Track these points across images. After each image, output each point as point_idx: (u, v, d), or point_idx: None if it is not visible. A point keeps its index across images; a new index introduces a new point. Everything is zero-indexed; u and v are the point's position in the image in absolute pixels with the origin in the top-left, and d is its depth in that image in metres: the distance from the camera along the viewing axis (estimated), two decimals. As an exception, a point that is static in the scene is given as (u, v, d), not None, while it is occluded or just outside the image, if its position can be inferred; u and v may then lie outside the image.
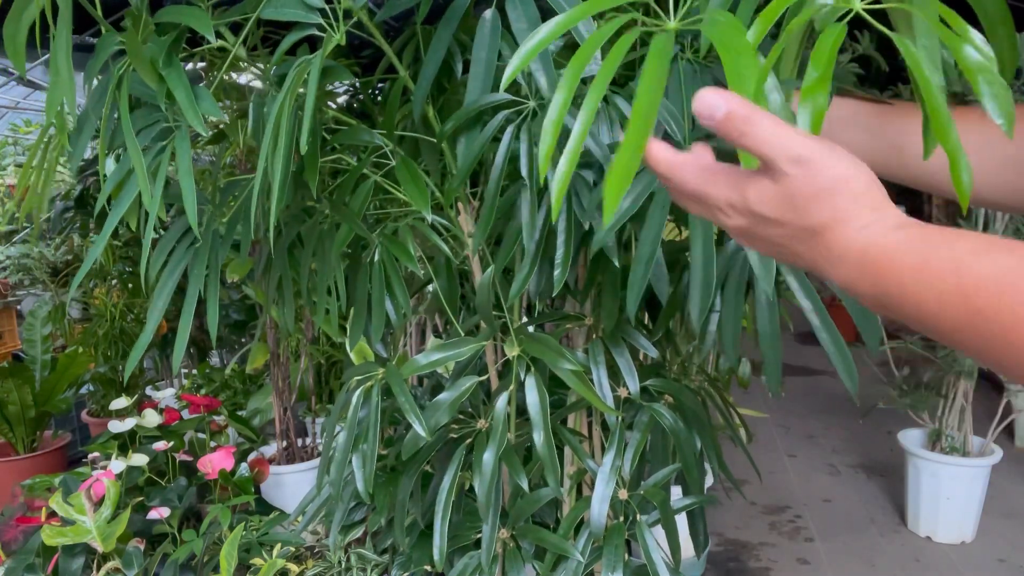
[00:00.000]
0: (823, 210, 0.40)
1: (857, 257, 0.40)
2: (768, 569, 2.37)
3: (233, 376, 2.77)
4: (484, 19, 0.74)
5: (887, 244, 0.40)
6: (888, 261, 0.39)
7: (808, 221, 0.41)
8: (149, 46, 0.71)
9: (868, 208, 0.40)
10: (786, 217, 0.41)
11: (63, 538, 1.58)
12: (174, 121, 0.75)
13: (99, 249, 0.79)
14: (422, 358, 0.88)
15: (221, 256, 0.84)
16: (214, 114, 0.71)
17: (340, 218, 0.82)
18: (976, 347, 0.37)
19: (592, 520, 0.94)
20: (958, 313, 0.36)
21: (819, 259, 0.42)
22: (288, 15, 0.72)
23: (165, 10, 0.73)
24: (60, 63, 0.69)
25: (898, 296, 0.39)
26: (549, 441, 0.86)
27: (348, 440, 0.91)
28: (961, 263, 0.37)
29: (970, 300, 0.36)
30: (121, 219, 0.82)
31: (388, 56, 0.83)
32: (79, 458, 3.06)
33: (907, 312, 0.39)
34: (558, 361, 0.83)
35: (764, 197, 0.41)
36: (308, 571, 1.75)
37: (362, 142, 0.83)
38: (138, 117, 0.77)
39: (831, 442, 3.53)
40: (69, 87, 0.69)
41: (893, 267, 0.39)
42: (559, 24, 0.47)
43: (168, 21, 0.73)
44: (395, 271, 0.86)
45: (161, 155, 0.73)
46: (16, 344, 3.40)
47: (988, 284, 0.35)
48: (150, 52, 0.70)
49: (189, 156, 0.71)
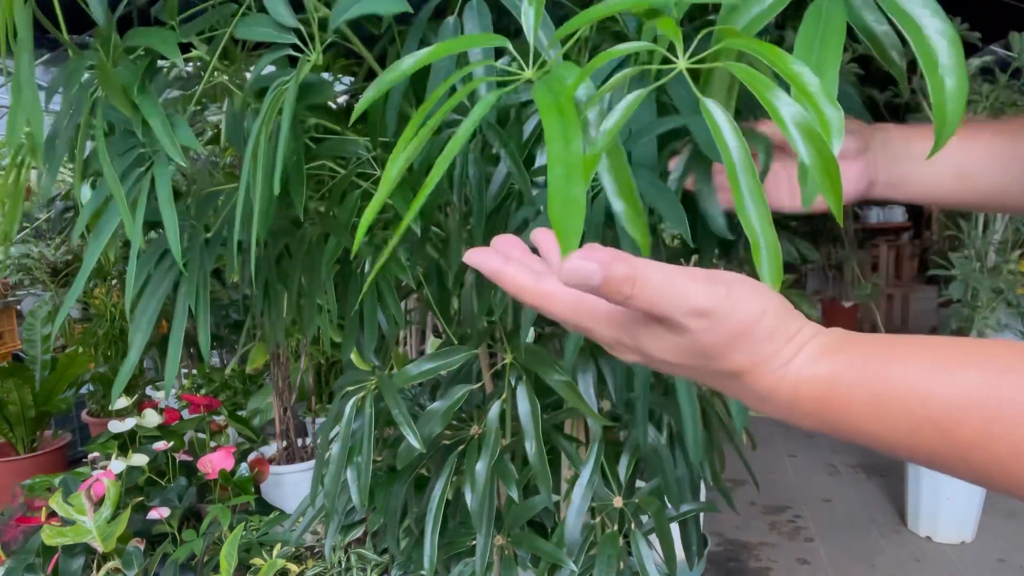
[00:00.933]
0: (736, 356, 0.36)
1: (787, 397, 0.36)
2: (768, 569, 2.37)
3: (233, 376, 2.77)
4: (445, 26, 0.73)
5: (819, 377, 0.36)
6: (827, 396, 0.35)
7: (722, 366, 0.36)
8: (120, 70, 0.69)
9: (784, 341, 0.36)
10: (694, 364, 0.37)
11: (63, 538, 1.58)
12: (152, 148, 0.73)
13: (83, 280, 0.75)
14: (413, 368, 0.88)
15: (209, 264, 0.84)
16: (192, 145, 0.69)
17: (328, 229, 0.82)
18: (967, 475, 0.33)
19: (567, 532, 0.94)
20: (938, 447, 0.33)
21: (745, 397, 0.38)
22: (260, 35, 0.70)
23: (132, 33, 0.70)
24: (23, 86, 0.67)
25: (850, 430, 0.35)
26: (540, 450, 0.86)
27: (342, 452, 0.91)
28: (922, 391, 0.33)
29: (951, 434, 0.32)
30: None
31: (368, 61, 0.82)
32: (79, 458, 3.07)
33: (861, 442, 0.36)
34: (549, 373, 0.83)
35: (664, 347, 0.37)
36: (308, 571, 1.76)
37: (347, 152, 0.83)
38: (113, 143, 0.75)
39: (831, 442, 3.53)
40: (34, 110, 0.67)
41: (836, 402, 0.35)
42: (419, 60, 0.47)
43: (136, 44, 0.71)
44: (386, 281, 0.86)
45: (140, 183, 0.72)
46: (16, 344, 3.41)
47: (969, 413, 0.31)
48: (122, 77, 0.68)
49: (169, 185, 0.69)
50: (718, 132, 0.41)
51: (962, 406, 0.32)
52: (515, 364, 0.91)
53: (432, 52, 0.48)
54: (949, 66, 0.44)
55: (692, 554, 1.04)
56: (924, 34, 0.45)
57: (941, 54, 0.45)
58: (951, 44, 0.45)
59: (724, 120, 0.41)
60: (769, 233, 0.40)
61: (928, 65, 0.45)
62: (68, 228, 3.08)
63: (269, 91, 0.66)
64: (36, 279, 3.36)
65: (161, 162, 0.71)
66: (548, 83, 0.43)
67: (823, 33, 0.46)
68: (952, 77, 0.44)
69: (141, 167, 0.73)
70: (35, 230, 3.36)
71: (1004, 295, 2.28)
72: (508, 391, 0.93)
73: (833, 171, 0.39)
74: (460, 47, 0.50)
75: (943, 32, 0.45)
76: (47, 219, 3.07)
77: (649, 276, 0.34)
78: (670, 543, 0.97)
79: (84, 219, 0.76)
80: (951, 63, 0.44)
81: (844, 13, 0.47)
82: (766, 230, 0.40)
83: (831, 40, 0.46)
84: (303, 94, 0.72)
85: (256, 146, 0.64)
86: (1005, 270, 2.30)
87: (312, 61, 0.66)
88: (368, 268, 0.89)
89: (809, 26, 0.47)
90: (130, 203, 0.69)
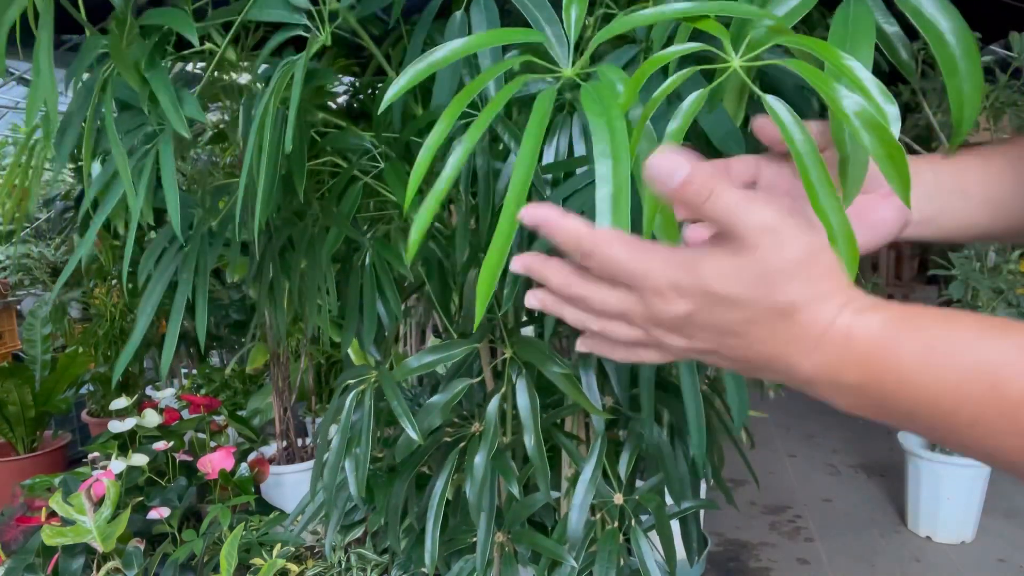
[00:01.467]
0: (796, 285, 0.35)
1: (840, 341, 0.35)
2: (768, 569, 2.37)
3: (233, 376, 2.77)
4: (453, 21, 0.73)
5: (872, 326, 0.34)
6: (879, 346, 0.34)
7: (778, 298, 0.35)
8: (133, 48, 0.70)
9: (839, 283, 0.35)
10: (753, 295, 0.35)
11: (63, 538, 1.58)
12: (158, 124, 0.75)
13: (85, 249, 0.78)
14: (414, 361, 0.88)
15: (211, 259, 0.84)
16: (198, 118, 0.70)
17: (329, 222, 0.82)
18: (1011, 439, 0.32)
19: (569, 527, 0.93)
20: (985, 401, 0.32)
21: (788, 347, 0.36)
22: (273, 16, 0.71)
23: (149, 13, 0.72)
24: (42, 66, 0.68)
25: (894, 386, 0.34)
26: (540, 445, 0.86)
27: (341, 444, 0.91)
28: (974, 343, 0.32)
29: (1000, 388, 0.31)
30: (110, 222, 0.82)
31: (376, 57, 0.83)
32: (79, 458, 3.07)
33: (899, 406, 0.34)
34: (548, 365, 0.83)
35: (724, 272, 0.35)
36: (308, 571, 1.76)
37: (352, 146, 0.83)
38: (123, 120, 0.77)
39: (831, 442, 3.53)
40: (51, 90, 0.69)
41: (887, 353, 0.34)
42: (455, 50, 0.46)
43: (152, 24, 0.73)
44: (386, 274, 0.86)
45: (146, 158, 0.73)
46: (16, 344, 3.41)
47: (1020, 368, 0.31)
48: (134, 55, 0.70)
49: (172, 160, 0.71)
50: (784, 127, 0.41)
51: (1013, 361, 0.31)
52: (515, 359, 0.91)
53: (471, 43, 0.47)
54: (966, 71, 0.46)
55: (692, 551, 1.04)
56: (945, 39, 0.47)
57: (959, 59, 0.46)
58: (967, 49, 0.46)
59: (788, 116, 0.42)
60: (843, 222, 0.40)
61: (947, 68, 0.46)
62: (68, 228, 3.08)
63: (277, 69, 0.67)
64: (36, 279, 3.36)
65: (166, 138, 0.72)
66: (597, 91, 0.42)
67: (852, 35, 0.46)
68: (969, 82, 0.46)
69: (148, 145, 0.75)
70: (35, 230, 3.36)
71: (1004, 295, 2.28)
72: (508, 386, 0.93)
73: (898, 157, 0.39)
74: (499, 40, 0.48)
75: (955, 33, 0.47)
76: (47, 219, 3.07)
77: (727, 187, 0.35)
78: (670, 540, 0.97)
79: (91, 193, 0.77)
80: (968, 68, 0.46)
81: (872, 17, 0.47)
82: (840, 220, 0.40)
83: (861, 42, 0.46)
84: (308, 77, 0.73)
85: (264, 119, 0.64)
86: (1005, 270, 2.30)
87: (322, 40, 0.67)
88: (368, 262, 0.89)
89: (838, 29, 0.47)
90: (135, 175, 0.71)
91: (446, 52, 0.47)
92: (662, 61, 0.42)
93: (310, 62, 0.66)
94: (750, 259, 0.35)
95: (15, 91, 3.15)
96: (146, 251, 0.84)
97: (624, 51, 0.67)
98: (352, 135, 0.83)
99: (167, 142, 0.72)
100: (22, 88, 3.01)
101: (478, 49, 0.47)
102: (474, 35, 0.47)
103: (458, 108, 0.43)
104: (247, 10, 0.72)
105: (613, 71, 0.44)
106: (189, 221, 0.88)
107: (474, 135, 0.42)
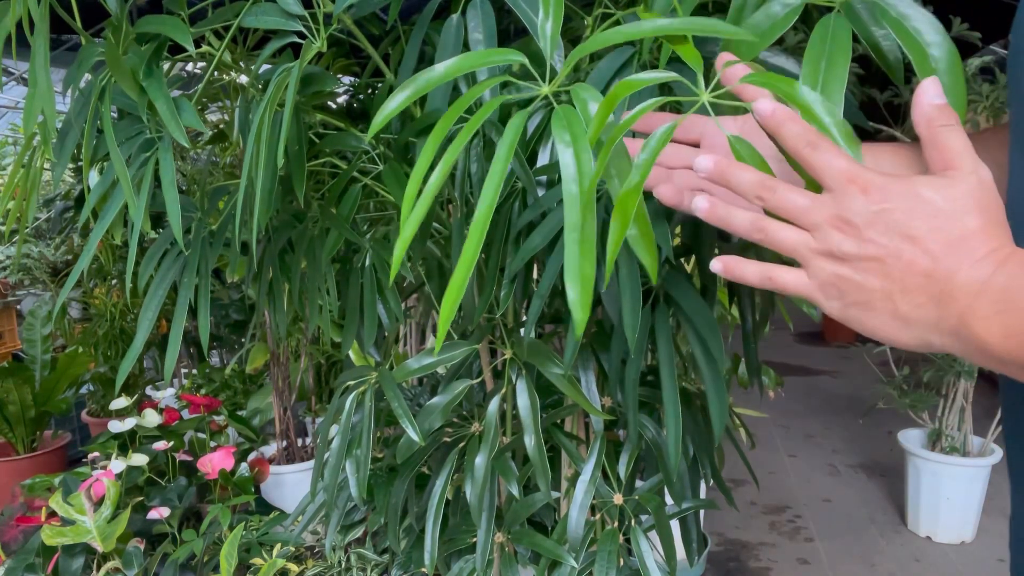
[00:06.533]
0: (984, 215, 0.40)
1: (1018, 268, 0.38)
2: (768, 569, 2.37)
3: (233, 376, 2.77)
4: (448, 25, 0.73)
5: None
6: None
7: (972, 222, 0.39)
8: (130, 56, 0.70)
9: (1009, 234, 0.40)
10: (951, 208, 0.40)
11: (63, 538, 1.58)
12: (156, 132, 0.74)
13: (86, 261, 0.78)
14: (414, 362, 0.88)
15: (211, 262, 0.84)
16: (197, 126, 0.70)
17: (329, 223, 0.82)
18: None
19: (569, 527, 0.94)
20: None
21: (960, 259, 0.39)
22: (268, 23, 0.72)
23: (144, 20, 0.72)
24: (39, 76, 0.68)
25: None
26: (540, 445, 0.86)
27: (342, 445, 0.91)
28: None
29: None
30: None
31: (374, 58, 0.83)
32: (79, 458, 3.07)
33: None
34: (547, 366, 0.83)
35: (936, 185, 0.40)
36: (308, 571, 1.76)
37: (350, 147, 0.83)
38: (121, 127, 0.77)
39: (831, 442, 3.53)
40: (48, 99, 0.68)
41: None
42: (451, 68, 0.48)
43: (148, 31, 0.73)
44: (386, 275, 0.86)
45: (145, 167, 0.73)
46: (16, 344, 3.41)
47: None
48: (130, 62, 0.70)
49: (172, 168, 0.70)
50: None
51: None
52: (515, 359, 0.91)
53: (463, 62, 0.48)
54: (950, 86, 0.47)
55: (692, 551, 1.04)
56: (928, 54, 0.48)
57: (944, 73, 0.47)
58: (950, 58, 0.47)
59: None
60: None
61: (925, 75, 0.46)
62: (68, 228, 3.08)
63: (275, 75, 0.67)
64: (36, 279, 3.37)
65: (165, 146, 0.72)
66: (568, 117, 0.43)
67: (830, 52, 0.47)
68: (952, 95, 0.47)
69: (147, 152, 0.75)
70: (35, 230, 3.37)
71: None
72: (508, 387, 0.93)
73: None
74: (490, 60, 0.50)
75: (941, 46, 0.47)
76: (47, 219, 3.07)
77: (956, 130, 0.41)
78: (670, 540, 0.97)
79: (91, 202, 0.77)
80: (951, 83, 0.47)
81: (850, 33, 0.48)
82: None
83: (837, 60, 0.47)
84: (306, 83, 0.72)
85: (260, 127, 0.65)
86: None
87: (317, 46, 0.67)
88: (367, 264, 0.89)
89: (816, 45, 0.48)
90: (135, 185, 0.70)
91: (443, 70, 0.48)
92: (633, 88, 0.43)
93: (308, 66, 0.66)
94: (967, 187, 0.40)
95: (15, 91, 3.15)
96: (147, 253, 0.84)
97: (619, 54, 0.67)
98: (351, 136, 0.83)
99: (166, 150, 0.72)
100: (22, 88, 3.01)
101: (472, 69, 0.49)
102: (466, 55, 0.49)
103: (448, 122, 0.45)
104: (241, 17, 0.72)
105: (587, 90, 0.45)
106: (189, 225, 0.88)
107: (455, 150, 0.44)
